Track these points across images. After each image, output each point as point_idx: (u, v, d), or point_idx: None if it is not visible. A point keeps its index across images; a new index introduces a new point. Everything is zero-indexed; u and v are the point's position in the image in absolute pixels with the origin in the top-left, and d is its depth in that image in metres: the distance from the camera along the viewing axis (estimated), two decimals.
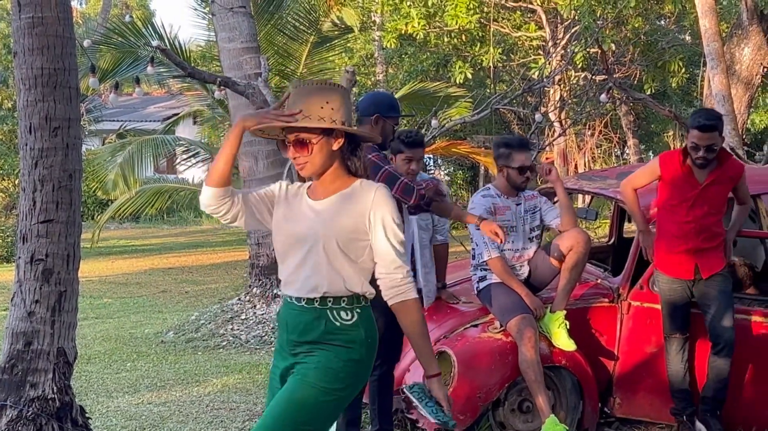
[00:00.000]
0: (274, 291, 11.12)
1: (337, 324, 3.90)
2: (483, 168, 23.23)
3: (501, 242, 6.12)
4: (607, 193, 7.77)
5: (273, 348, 9.93)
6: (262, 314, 11.00)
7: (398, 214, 3.96)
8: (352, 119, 4.10)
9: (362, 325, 3.95)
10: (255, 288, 11.47)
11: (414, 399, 4.00)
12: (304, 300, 3.93)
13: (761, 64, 15.34)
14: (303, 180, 4.13)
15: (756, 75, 15.32)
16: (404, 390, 3.65)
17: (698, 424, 6.69)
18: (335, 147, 3.95)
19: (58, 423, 5.14)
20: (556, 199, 6.94)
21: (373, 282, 5.57)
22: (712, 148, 6.44)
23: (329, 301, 3.92)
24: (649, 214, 6.91)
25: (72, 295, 5.31)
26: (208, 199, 4.04)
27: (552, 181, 6.68)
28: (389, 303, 3.95)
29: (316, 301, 3.91)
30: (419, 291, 6.14)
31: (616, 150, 23.68)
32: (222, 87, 9.97)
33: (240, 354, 10.00)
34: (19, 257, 5.23)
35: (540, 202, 6.86)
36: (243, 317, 10.98)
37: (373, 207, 3.90)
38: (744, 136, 14.23)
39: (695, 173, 6.56)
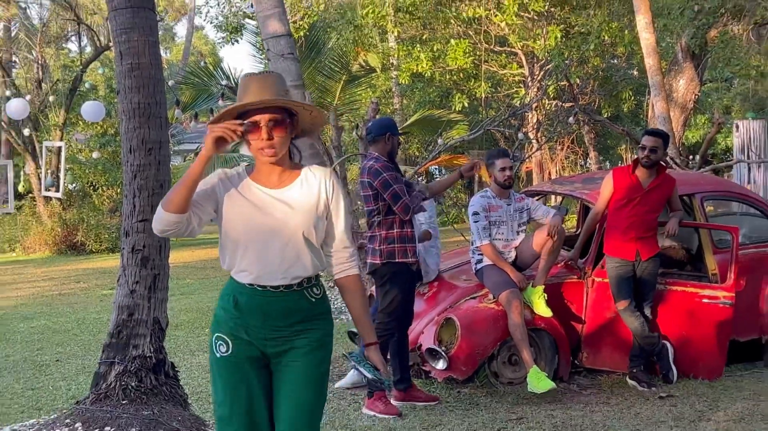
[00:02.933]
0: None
1: (313, 300, 3.32)
2: (477, 176, 23.19)
3: (479, 171, 6.25)
4: (574, 194, 7.77)
5: None
6: None
7: (348, 197, 3.48)
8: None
9: (325, 296, 3.40)
10: None
11: (353, 362, 3.56)
12: (282, 287, 3.26)
13: (693, 92, 15.34)
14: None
15: (689, 101, 15.35)
16: (345, 355, 3.24)
17: (630, 381, 6.72)
18: (293, 134, 3.29)
19: (154, 375, 5.17)
20: (538, 197, 6.97)
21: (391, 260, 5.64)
22: (655, 150, 6.66)
23: (305, 282, 3.29)
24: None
25: (163, 277, 5.33)
26: (165, 224, 3.20)
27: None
28: (335, 277, 3.40)
29: (295, 286, 3.27)
30: (418, 268, 6.22)
31: (580, 161, 23.70)
32: None
33: None
34: (123, 248, 5.26)
35: (528, 203, 6.90)
36: None
37: (331, 192, 3.30)
38: (680, 149, 14.23)
39: (641, 181, 6.74)
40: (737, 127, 15.05)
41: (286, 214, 3.25)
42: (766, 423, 5.60)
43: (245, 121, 3.14)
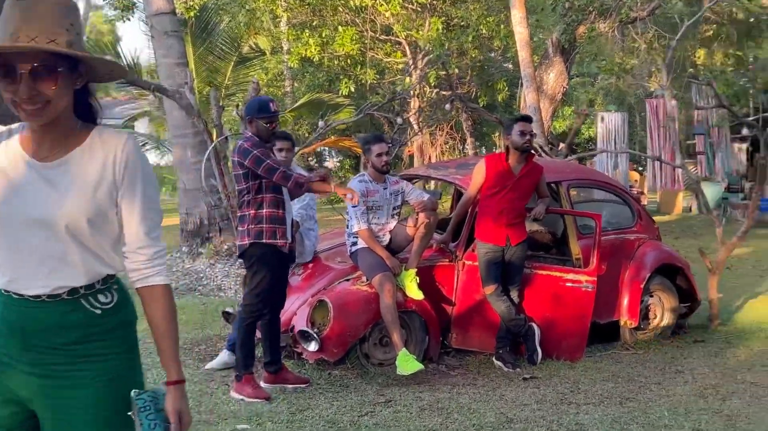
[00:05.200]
0: (199, 250, 10.56)
1: (97, 312, 2.18)
2: (363, 157, 22.88)
3: (354, 202, 5.64)
4: (447, 179, 7.43)
5: (197, 294, 9.50)
6: (189, 267, 10.39)
7: (154, 176, 2.29)
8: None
9: (122, 303, 2.25)
10: (184, 247, 10.85)
11: (135, 407, 2.16)
12: (45, 296, 2.14)
13: (562, 85, 15.29)
14: None
15: (558, 93, 15.30)
16: (131, 394, 1.98)
17: (496, 362, 6.46)
18: (78, 85, 2.14)
19: None
20: (414, 181, 6.62)
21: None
22: (533, 135, 6.51)
23: (81, 290, 2.16)
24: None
25: None
26: None
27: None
28: (134, 286, 2.28)
29: (65, 294, 2.15)
30: (291, 249, 5.73)
31: (458, 146, 23.57)
32: (156, 92, 9.32)
33: None
34: None
35: (403, 186, 6.49)
36: (174, 269, 10.33)
37: (122, 169, 2.17)
38: (549, 138, 14.17)
39: (512, 168, 6.46)
40: (602, 118, 15.09)
41: (48, 199, 2.12)
42: (624, 406, 5.38)
43: None
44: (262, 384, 5.70)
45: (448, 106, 12.80)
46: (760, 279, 10.70)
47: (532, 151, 6.67)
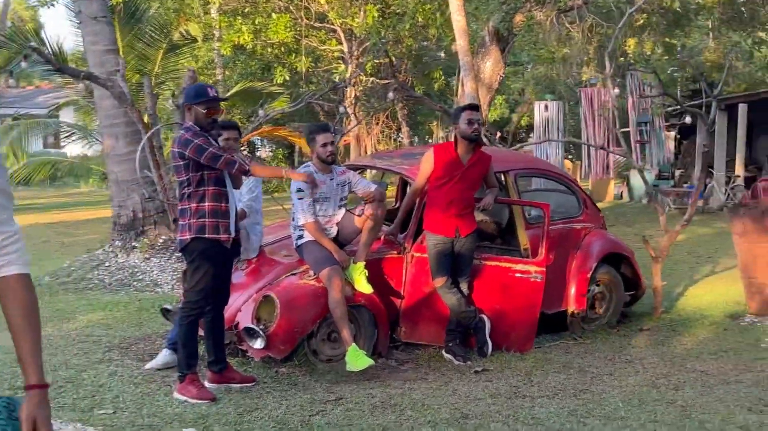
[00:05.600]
0: (132, 244, 10.18)
1: None
2: (298, 147, 22.60)
3: (309, 180, 5.43)
4: (394, 168, 7.26)
5: (131, 290, 9.15)
6: (123, 262, 10.01)
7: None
8: None
9: None
10: (117, 241, 10.45)
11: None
12: None
13: (498, 74, 15.28)
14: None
15: (495, 82, 15.29)
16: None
17: (446, 355, 6.36)
18: None
19: None
20: (360, 172, 6.44)
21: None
22: (481, 123, 6.35)
23: None
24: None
25: None
26: None
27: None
28: None
29: None
30: (236, 244, 5.51)
31: (394, 135, 23.48)
32: (86, 79, 8.92)
33: (104, 295, 9.01)
34: None
35: (350, 176, 6.29)
36: (107, 264, 9.96)
37: None
38: (486, 126, 14.13)
39: (461, 158, 6.31)
40: (546, 107, 15.12)
41: None
42: (578, 398, 5.31)
43: None
44: (207, 384, 5.45)
45: (391, 95, 12.61)
46: (696, 265, 10.84)
47: (481, 141, 6.53)
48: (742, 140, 18.47)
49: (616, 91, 13.52)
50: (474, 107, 6.53)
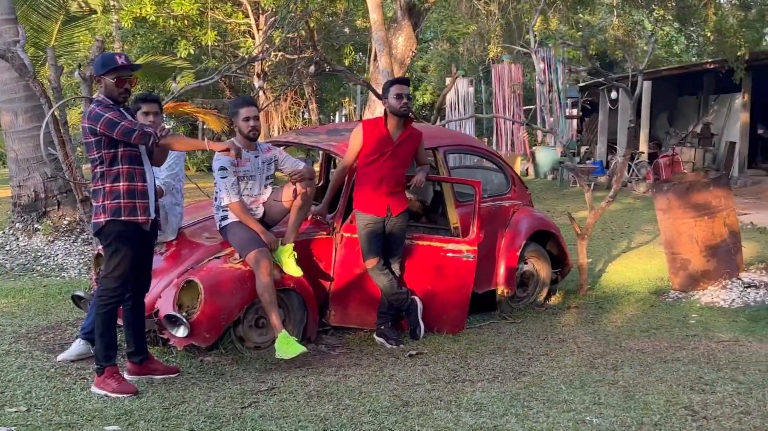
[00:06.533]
0: (35, 226, 9.53)
1: None
2: (202, 123, 21.92)
3: (234, 156, 5.07)
4: (320, 145, 6.94)
5: (35, 275, 8.56)
6: (25, 245, 9.36)
7: None
8: None
9: None
10: (17, 223, 9.77)
11: None
12: None
13: (411, 49, 15.12)
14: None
15: (407, 57, 15.12)
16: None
17: (377, 339, 6.14)
18: None
19: None
20: (283, 148, 6.12)
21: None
22: (410, 97, 6.10)
23: None
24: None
25: None
26: None
27: None
28: None
29: None
30: (155, 226, 5.12)
31: (301, 111, 23.05)
32: None
33: (5, 281, 8.38)
34: None
35: (276, 154, 5.95)
36: (7, 248, 9.30)
37: None
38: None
39: (391, 134, 6.07)
40: (470, 83, 14.99)
41: None
42: (519, 381, 5.17)
43: None
44: (127, 376, 5.07)
45: (312, 68, 12.22)
46: (612, 242, 10.94)
47: (411, 116, 6.28)
48: (646, 117, 18.87)
49: (542, 65, 13.51)
50: (403, 81, 6.26)
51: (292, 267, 5.74)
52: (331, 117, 32.37)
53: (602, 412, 4.53)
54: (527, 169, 22.07)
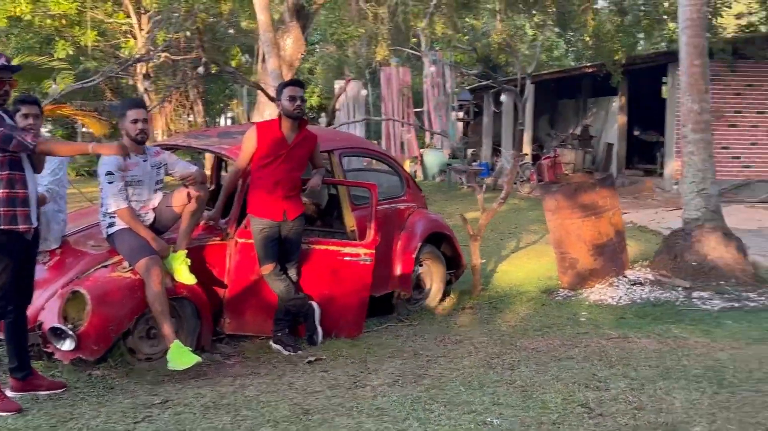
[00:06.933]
0: None
1: None
2: (81, 125, 21.13)
3: (124, 153, 4.86)
4: (212, 148, 6.76)
5: None
6: None
7: None
8: None
9: None
10: None
11: None
12: None
13: (299, 51, 15.03)
14: None
15: (296, 59, 15.02)
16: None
17: (274, 346, 6.03)
18: None
19: None
20: (173, 152, 5.91)
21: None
22: (303, 98, 5.99)
23: None
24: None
25: None
26: None
27: None
28: None
29: None
30: (36, 233, 4.85)
31: (186, 113, 22.53)
32: None
33: None
34: None
35: (165, 157, 5.73)
36: None
37: None
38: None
39: (286, 136, 5.95)
40: (365, 86, 14.96)
41: None
42: (419, 384, 5.14)
43: None
44: (9, 393, 4.79)
45: (201, 69, 11.94)
46: (501, 242, 11.13)
47: (305, 118, 6.19)
48: (529, 119, 19.34)
49: (432, 68, 13.61)
50: (297, 83, 6.17)
51: (184, 275, 5.55)
52: (217, 119, 31.84)
53: (502, 412, 4.55)
54: (416, 172, 22.28)
